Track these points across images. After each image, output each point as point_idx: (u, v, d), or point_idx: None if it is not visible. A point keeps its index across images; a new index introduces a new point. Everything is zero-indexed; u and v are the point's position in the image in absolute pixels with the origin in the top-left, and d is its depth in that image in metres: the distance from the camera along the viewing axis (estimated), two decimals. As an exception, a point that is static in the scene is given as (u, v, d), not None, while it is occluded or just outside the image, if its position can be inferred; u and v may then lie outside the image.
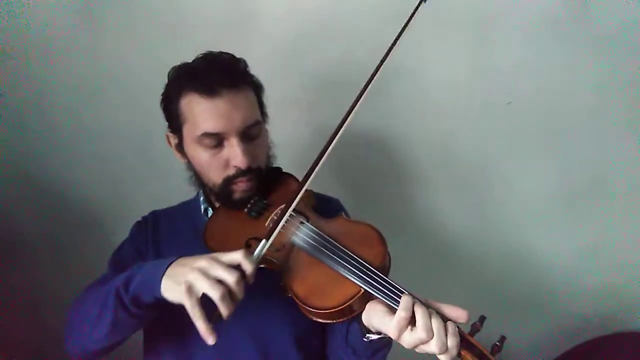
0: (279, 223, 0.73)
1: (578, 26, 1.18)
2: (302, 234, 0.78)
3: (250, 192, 0.85)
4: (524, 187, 1.35)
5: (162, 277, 0.67)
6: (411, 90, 1.26)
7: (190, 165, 0.88)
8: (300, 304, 0.71)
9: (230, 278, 0.63)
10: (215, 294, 0.61)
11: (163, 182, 1.32)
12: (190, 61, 0.86)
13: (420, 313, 0.61)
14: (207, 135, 0.79)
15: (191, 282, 0.63)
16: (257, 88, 0.88)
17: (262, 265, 0.78)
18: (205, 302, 0.63)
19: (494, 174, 1.35)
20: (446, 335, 0.60)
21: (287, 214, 0.74)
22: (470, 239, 1.42)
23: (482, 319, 0.64)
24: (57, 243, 1.40)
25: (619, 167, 1.31)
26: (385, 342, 0.73)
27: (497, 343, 0.62)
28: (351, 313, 0.69)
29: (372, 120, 1.29)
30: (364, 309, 0.69)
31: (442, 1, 1.16)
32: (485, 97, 1.26)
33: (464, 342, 0.61)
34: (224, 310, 0.62)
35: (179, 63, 0.87)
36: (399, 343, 0.64)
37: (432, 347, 0.60)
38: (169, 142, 0.91)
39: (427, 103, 1.28)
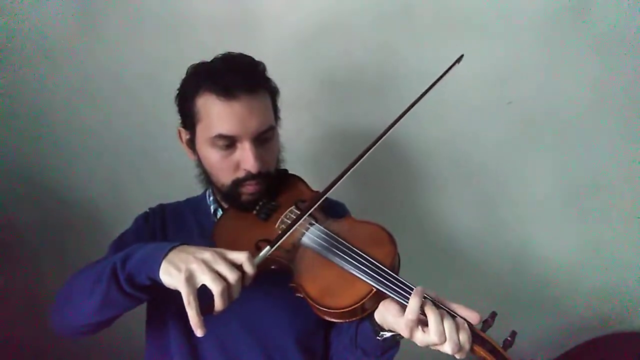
0: (289, 230, 0.73)
1: (578, 26, 1.18)
2: (312, 235, 0.79)
3: (257, 195, 0.85)
4: (524, 186, 1.36)
5: (162, 260, 0.66)
6: (412, 91, 1.26)
7: (200, 163, 0.88)
8: (313, 304, 0.71)
9: (232, 276, 0.63)
10: (216, 287, 0.61)
11: (164, 182, 1.32)
12: (209, 61, 0.85)
13: (432, 318, 0.62)
14: (220, 137, 0.79)
15: (193, 271, 0.63)
16: (273, 92, 0.88)
17: (273, 267, 0.79)
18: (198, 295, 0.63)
19: (494, 173, 1.35)
20: (458, 332, 0.61)
21: (299, 222, 0.74)
22: (471, 238, 1.43)
23: (494, 315, 0.65)
24: (57, 243, 1.40)
25: (619, 167, 1.31)
26: (396, 341, 0.73)
27: (509, 338, 0.63)
28: (363, 312, 0.69)
29: (374, 120, 1.29)
30: (376, 308, 0.70)
31: (444, 2, 1.17)
32: (485, 97, 1.26)
33: (477, 338, 0.62)
34: (219, 305, 0.62)
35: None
36: (409, 342, 0.65)
37: (446, 348, 0.61)
38: (180, 138, 0.90)
39: (428, 103, 1.27)
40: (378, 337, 0.71)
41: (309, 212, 0.76)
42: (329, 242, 0.76)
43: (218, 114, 0.79)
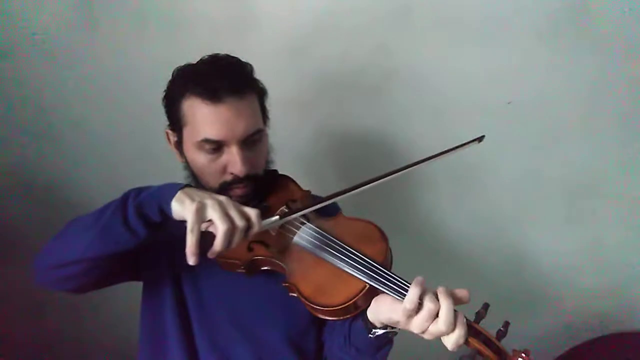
0: (294, 213, 0.73)
1: (577, 27, 1.18)
2: (304, 234, 0.79)
3: (246, 197, 0.84)
4: (524, 186, 1.35)
5: (178, 190, 0.66)
6: (411, 91, 1.26)
7: (187, 166, 0.88)
8: (307, 302, 0.71)
9: (240, 222, 0.64)
10: (222, 225, 0.62)
11: (164, 182, 1.32)
12: (194, 62, 0.84)
13: (427, 297, 0.63)
14: (207, 141, 0.79)
15: (206, 204, 0.63)
16: (261, 94, 0.87)
17: (267, 267, 0.79)
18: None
19: (493, 173, 1.35)
20: (455, 322, 0.61)
21: (308, 210, 0.74)
22: (470, 239, 1.42)
23: (486, 306, 0.66)
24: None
25: (618, 167, 1.31)
26: (389, 338, 0.74)
27: (502, 328, 0.64)
28: (357, 309, 0.70)
29: (372, 120, 1.29)
30: (369, 304, 0.70)
31: (443, 2, 1.17)
32: (485, 97, 1.26)
33: (471, 329, 0.63)
34: (219, 245, 0.63)
35: (179, 62, 0.86)
36: (402, 343, 0.64)
37: (440, 325, 0.61)
38: (169, 140, 0.90)
39: (427, 103, 1.28)
40: (370, 335, 0.71)
41: (317, 207, 0.74)
42: (321, 241, 0.76)
43: (204, 118, 0.78)
